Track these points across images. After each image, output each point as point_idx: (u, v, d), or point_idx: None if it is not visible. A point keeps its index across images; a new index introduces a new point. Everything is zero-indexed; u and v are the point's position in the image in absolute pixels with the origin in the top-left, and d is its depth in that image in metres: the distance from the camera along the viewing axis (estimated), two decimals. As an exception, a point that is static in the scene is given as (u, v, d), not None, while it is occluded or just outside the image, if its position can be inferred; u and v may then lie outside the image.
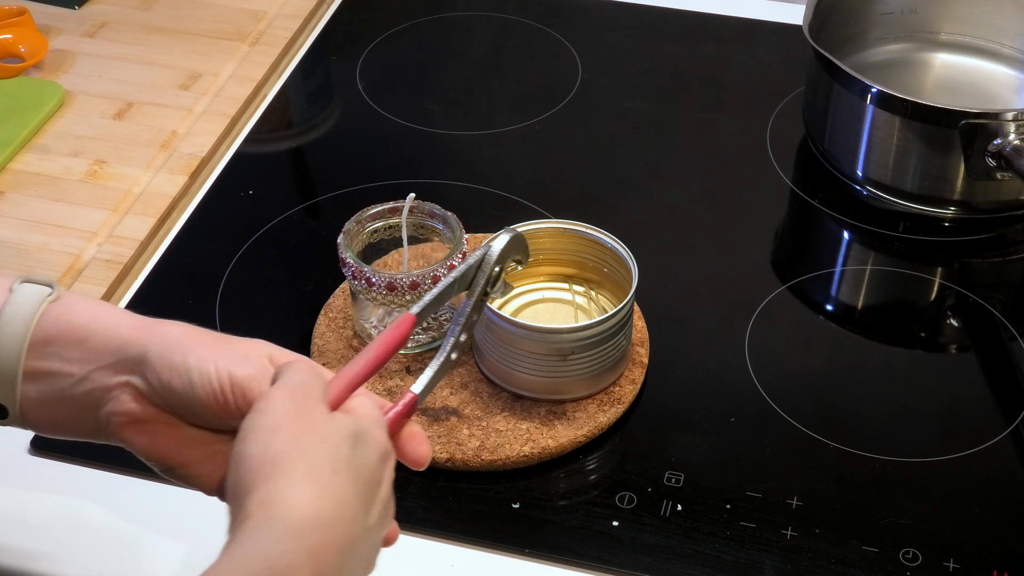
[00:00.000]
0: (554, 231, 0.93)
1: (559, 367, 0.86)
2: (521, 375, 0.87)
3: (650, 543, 0.81)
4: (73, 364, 0.63)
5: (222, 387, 0.61)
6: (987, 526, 0.83)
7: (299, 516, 0.54)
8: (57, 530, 0.82)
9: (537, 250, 0.93)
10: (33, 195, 1.06)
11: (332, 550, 0.54)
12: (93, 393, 0.63)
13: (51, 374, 0.63)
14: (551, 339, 0.85)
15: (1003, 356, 0.96)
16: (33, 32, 1.20)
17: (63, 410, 0.64)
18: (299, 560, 0.53)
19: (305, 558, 0.53)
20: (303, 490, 0.55)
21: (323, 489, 0.55)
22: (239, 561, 0.53)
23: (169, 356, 0.62)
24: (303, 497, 0.54)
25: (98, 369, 0.63)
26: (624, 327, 0.87)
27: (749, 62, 1.25)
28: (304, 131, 1.19)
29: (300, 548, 0.53)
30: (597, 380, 0.88)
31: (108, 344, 0.63)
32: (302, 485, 0.55)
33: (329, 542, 0.54)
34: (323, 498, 0.55)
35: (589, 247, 0.93)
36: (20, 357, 0.63)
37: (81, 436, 0.66)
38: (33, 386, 0.63)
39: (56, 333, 0.63)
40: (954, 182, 1.03)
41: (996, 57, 1.19)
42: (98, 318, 0.64)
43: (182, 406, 0.62)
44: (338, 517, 0.55)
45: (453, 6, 1.33)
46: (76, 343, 0.63)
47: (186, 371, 0.61)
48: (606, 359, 0.87)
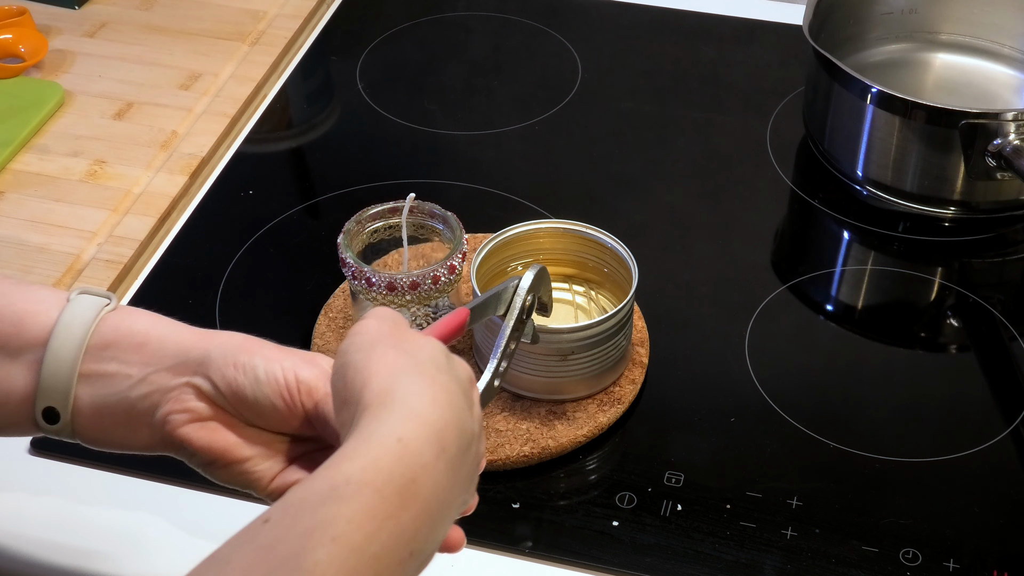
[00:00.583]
0: (554, 231, 0.93)
1: (559, 367, 0.86)
2: (521, 375, 0.87)
3: (650, 543, 0.81)
4: (132, 367, 0.63)
5: (288, 384, 0.62)
6: (987, 526, 0.83)
7: (417, 399, 0.55)
8: (57, 530, 0.82)
9: (537, 250, 0.93)
10: (33, 195, 1.06)
11: (453, 430, 0.55)
12: (151, 396, 0.63)
13: (108, 376, 0.63)
14: (551, 339, 0.85)
15: (1003, 356, 0.96)
16: (33, 32, 1.20)
17: (117, 414, 0.64)
18: (424, 434, 0.54)
19: (431, 432, 0.54)
20: (416, 379, 0.56)
21: (432, 380, 0.56)
22: (369, 438, 0.53)
23: (234, 355, 0.63)
24: (417, 385, 0.56)
25: (157, 371, 0.63)
26: (624, 327, 0.87)
27: (749, 62, 1.25)
28: (304, 131, 1.19)
29: (425, 424, 0.54)
30: (597, 380, 0.88)
31: (168, 348, 0.64)
32: (414, 377, 0.56)
33: (451, 423, 0.55)
34: (434, 387, 0.56)
35: (589, 247, 0.93)
36: (77, 359, 0.63)
37: (130, 444, 0.65)
38: (88, 389, 0.63)
39: (115, 338, 0.64)
40: (954, 182, 1.03)
41: (996, 57, 1.19)
42: (157, 325, 0.65)
43: (246, 404, 0.62)
44: (451, 403, 0.56)
45: (453, 6, 1.33)
46: (135, 347, 0.64)
47: (252, 368, 0.62)
48: (606, 359, 0.87)
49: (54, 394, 0.63)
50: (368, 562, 0.50)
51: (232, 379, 0.62)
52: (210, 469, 0.64)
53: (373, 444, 0.53)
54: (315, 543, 0.49)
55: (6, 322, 0.64)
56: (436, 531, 0.54)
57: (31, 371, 0.63)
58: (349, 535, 0.50)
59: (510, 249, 0.92)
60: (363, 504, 0.51)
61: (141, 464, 0.86)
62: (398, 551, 0.51)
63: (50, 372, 0.63)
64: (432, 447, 0.54)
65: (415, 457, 0.53)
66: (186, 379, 0.63)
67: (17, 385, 0.64)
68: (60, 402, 0.63)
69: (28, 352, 0.64)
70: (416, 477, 0.52)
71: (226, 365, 0.62)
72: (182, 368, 0.63)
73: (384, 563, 0.50)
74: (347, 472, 0.52)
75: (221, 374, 0.62)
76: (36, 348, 0.63)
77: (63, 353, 0.63)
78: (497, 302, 0.76)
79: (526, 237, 0.93)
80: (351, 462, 0.52)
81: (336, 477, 0.52)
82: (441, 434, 0.54)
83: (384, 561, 0.50)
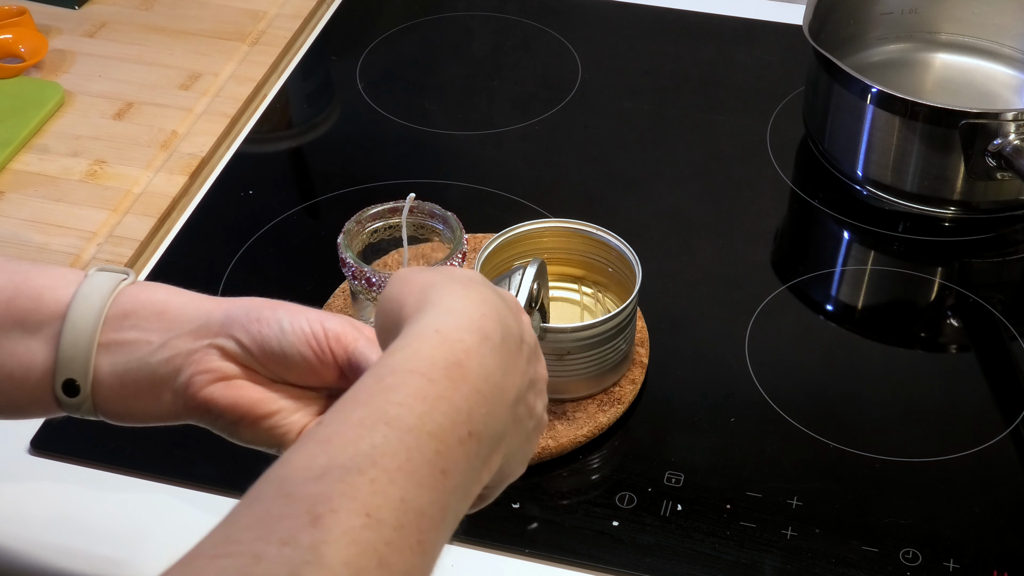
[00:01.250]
0: (559, 231, 0.93)
1: (556, 366, 0.86)
2: None
3: (650, 543, 0.81)
4: (152, 333, 0.63)
5: (315, 334, 0.62)
6: (987, 526, 0.83)
7: (452, 299, 0.56)
8: (57, 530, 0.82)
9: (542, 250, 0.93)
10: (33, 195, 1.06)
11: (493, 321, 0.55)
12: (173, 360, 0.63)
13: (128, 344, 0.63)
14: (548, 338, 0.85)
15: (1003, 356, 0.96)
16: (33, 32, 1.20)
17: (139, 382, 0.63)
18: (462, 323, 0.54)
19: (468, 322, 0.55)
20: (451, 286, 0.57)
21: (468, 286, 0.57)
22: (406, 335, 0.54)
23: (258, 311, 0.62)
24: (451, 289, 0.56)
25: (179, 336, 0.63)
26: (624, 331, 0.87)
27: (749, 62, 1.25)
28: (304, 131, 1.19)
29: (461, 316, 0.55)
30: (597, 381, 0.88)
31: (188, 313, 0.63)
32: (449, 284, 0.57)
33: (490, 314, 0.56)
34: (468, 290, 0.57)
35: (594, 247, 0.93)
36: (96, 329, 0.63)
37: (152, 414, 0.64)
38: (108, 358, 0.63)
39: (134, 307, 0.63)
40: (954, 182, 1.03)
41: (996, 57, 1.19)
42: (176, 294, 0.65)
43: (274, 358, 0.62)
44: (488, 301, 0.56)
45: (453, 6, 1.33)
46: (155, 315, 0.63)
47: (276, 321, 0.62)
48: (605, 361, 0.87)
49: (73, 365, 0.63)
50: (425, 440, 0.50)
51: (257, 333, 0.62)
52: (237, 429, 0.63)
53: (412, 338, 0.54)
54: (369, 429, 0.49)
55: (24, 297, 0.64)
56: (494, 415, 0.54)
57: (50, 345, 0.63)
58: (402, 417, 0.50)
59: (514, 248, 0.92)
60: (412, 388, 0.51)
61: (141, 464, 0.86)
62: (456, 429, 0.51)
63: (69, 343, 0.63)
64: (472, 335, 0.54)
65: (456, 343, 0.54)
66: (208, 341, 0.62)
67: (37, 360, 0.63)
68: (80, 373, 0.63)
69: (47, 326, 0.63)
70: (460, 360, 0.53)
71: (249, 321, 0.62)
72: (204, 331, 0.63)
73: (442, 440, 0.51)
74: (390, 364, 0.53)
75: (245, 331, 0.62)
76: (55, 322, 0.63)
77: (81, 324, 0.63)
78: (507, 286, 0.75)
79: (531, 236, 0.92)
80: (392, 356, 0.53)
81: (381, 371, 0.53)
82: (480, 323, 0.55)
83: (441, 439, 0.51)
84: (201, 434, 0.91)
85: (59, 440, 0.88)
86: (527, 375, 0.58)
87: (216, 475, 0.85)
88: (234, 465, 0.87)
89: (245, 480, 0.85)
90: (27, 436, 0.87)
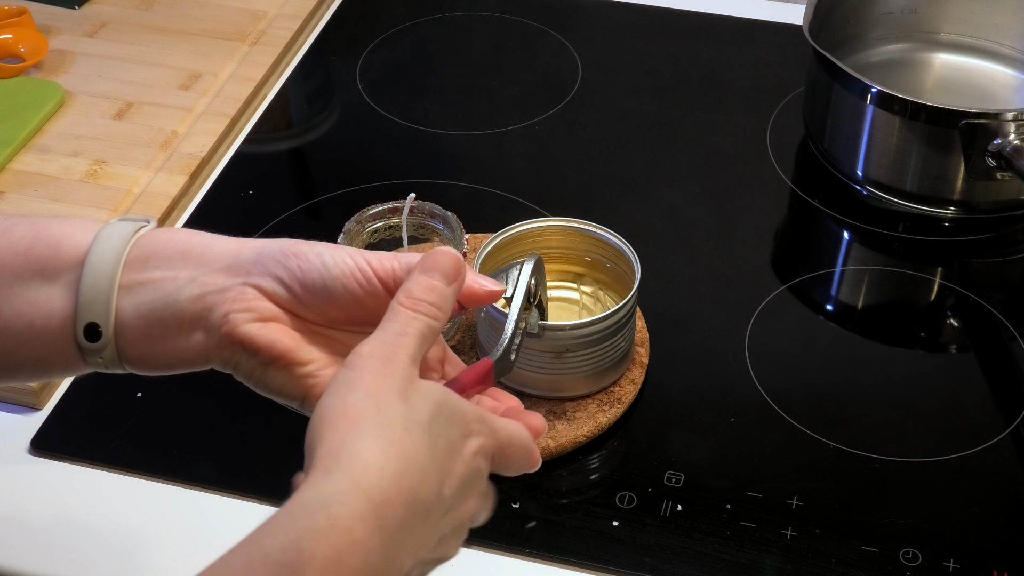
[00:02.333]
0: (559, 229, 0.93)
1: (555, 364, 0.86)
2: (520, 371, 0.87)
3: (650, 543, 0.81)
4: (178, 271, 0.61)
5: (359, 266, 0.60)
6: (987, 526, 0.83)
7: (363, 465, 0.52)
8: (57, 530, 0.82)
9: (542, 248, 0.93)
10: (33, 195, 1.06)
11: (398, 504, 0.52)
12: (204, 298, 0.60)
13: (153, 282, 0.61)
14: (546, 336, 0.84)
15: (1003, 356, 0.96)
16: (33, 32, 1.20)
17: (166, 321, 0.61)
18: (360, 509, 0.51)
19: (367, 507, 0.51)
20: (371, 442, 0.53)
21: (391, 442, 0.53)
22: (300, 510, 0.51)
23: (294, 248, 0.61)
24: (370, 449, 0.53)
25: (208, 272, 0.61)
26: (623, 329, 0.87)
27: (749, 62, 1.25)
28: (304, 131, 1.19)
29: (362, 497, 0.51)
30: (596, 379, 0.88)
31: (214, 252, 0.62)
32: (370, 437, 0.53)
33: (395, 496, 0.52)
34: (390, 450, 0.53)
35: (594, 245, 0.93)
36: (116, 269, 0.61)
37: (180, 356, 0.62)
38: (131, 299, 0.61)
39: (155, 249, 0.62)
40: (954, 182, 1.03)
41: (996, 57, 1.19)
42: (198, 235, 0.63)
43: (318, 294, 0.60)
44: (405, 471, 0.53)
45: (453, 6, 1.33)
46: (179, 255, 0.62)
47: (317, 256, 0.60)
48: (603, 359, 0.87)
49: (94, 308, 0.61)
50: None
51: (296, 269, 0.60)
52: (267, 372, 0.61)
53: (299, 518, 0.51)
54: None
55: (42, 245, 0.62)
56: None
57: (71, 291, 0.61)
58: None
59: (514, 247, 0.92)
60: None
61: (141, 464, 0.86)
62: None
63: (89, 286, 0.61)
64: (366, 524, 0.51)
65: (344, 534, 0.50)
66: (242, 279, 0.60)
67: (56, 307, 0.61)
68: (101, 316, 0.61)
69: (67, 273, 0.61)
70: (341, 557, 0.50)
71: (286, 257, 0.60)
72: (235, 269, 0.61)
73: None
74: (267, 550, 0.50)
75: (284, 267, 0.60)
76: (74, 268, 0.61)
77: (101, 266, 0.61)
78: (505, 281, 0.74)
79: (530, 235, 0.92)
80: (273, 539, 0.50)
81: (255, 555, 0.50)
82: (381, 508, 0.52)
83: None
84: (201, 434, 0.91)
85: (59, 440, 0.88)
86: (437, 532, 0.56)
87: (216, 475, 0.85)
88: (234, 465, 0.87)
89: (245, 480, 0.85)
90: (27, 436, 0.88)
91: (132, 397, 0.91)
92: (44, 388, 0.90)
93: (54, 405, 0.90)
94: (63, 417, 0.89)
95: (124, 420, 0.89)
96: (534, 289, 0.74)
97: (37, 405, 0.90)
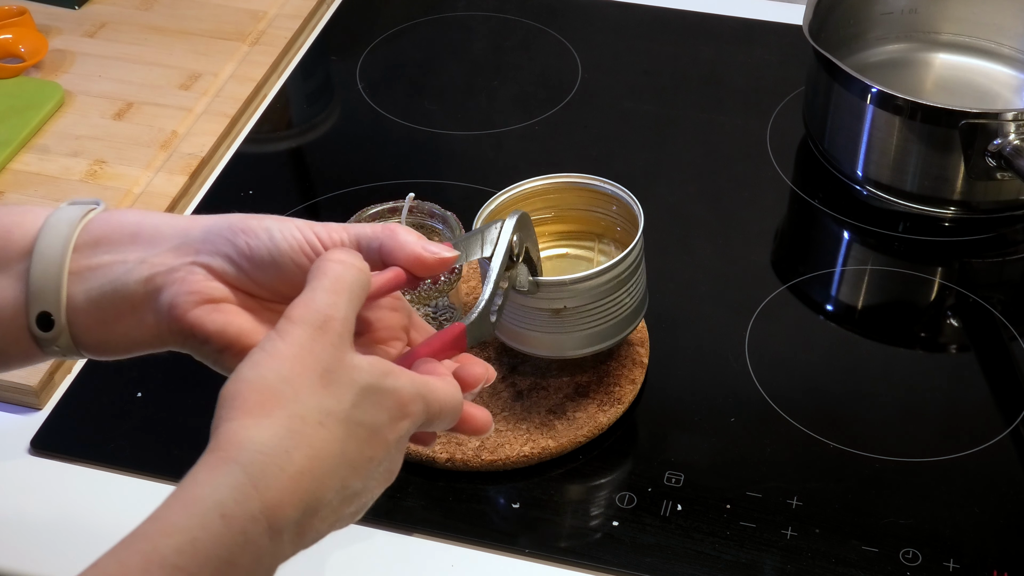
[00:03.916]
0: (561, 186, 0.91)
1: (554, 323, 0.83)
2: (520, 331, 0.85)
3: (650, 543, 0.81)
4: (127, 254, 0.60)
5: (307, 239, 0.59)
6: (987, 526, 0.83)
7: (263, 463, 0.51)
8: (57, 530, 0.82)
9: (547, 207, 0.91)
10: (33, 195, 1.06)
11: (291, 507, 0.52)
12: (153, 279, 0.59)
13: (103, 267, 0.60)
14: (540, 293, 0.81)
15: (1003, 356, 0.96)
16: (33, 32, 1.20)
17: (117, 305, 0.60)
18: (252, 511, 0.51)
19: (259, 509, 0.51)
20: (276, 439, 0.52)
21: (299, 440, 0.52)
22: (193, 505, 0.51)
23: (242, 223, 0.59)
24: (275, 445, 0.52)
25: (158, 253, 0.60)
26: (626, 284, 0.84)
27: (749, 62, 1.25)
28: (304, 131, 1.19)
29: (257, 499, 0.51)
30: (600, 337, 0.85)
31: (164, 232, 0.60)
32: (277, 431, 0.52)
33: (289, 500, 0.51)
34: (296, 450, 0.52)
35: (596, 200, 0.90)
36: (65, 256, 0.60)
37: (134, 341, 0.61)
38: (82, 285, 0.60)
39: (105, 232, 0.61)
40: (954, 182, 1.03)
41: (996, 57, 1.19)
42: (148, 215, 0.62)
43: (267, 269, 0.59)
44: (307, 472, 0.52)
45: (453, 6, 1.33)
46: (128, 238, 0.61)
47: (265, 231, 0.59)
48: (606, 316, 0.84)
49: (45, 296, 0.60)
50: None
51: (244, 245, 0.59)
52: (222, 358, 0.59)
53: (195, 517, 0.50)
54: None
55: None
56: None
57: (20, 280, 0.60)
58: None
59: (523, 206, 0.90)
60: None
61: (141, 464, 0.86)
62: None
63: (38, 274, 0.60)
64: (258, 526, 0.51)
65: (237, 536, 0.50)
66: (191, 258, 0.59)
67: (8, 297, 0.60)
68: (52, 304, 0.60)
69: (17, 263, 0.61)
70: (234, 558, 0.50)
71: (234, 234, 0.59)
72: (184, 249, 0.59)
73: None
74: (163, 552, 0.49)
75: (231, 244, 0.59)
76: (24, 257, 0.60)
77: (50, 253, 0.60)
78: (481, 242, 0.71)
79: (537, 193, 0.90)
80: (169, 539, 0.50)
81: (151, 556, 0.49)
82: (274, 512, 0.51)
83: None
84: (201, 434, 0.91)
85: (59, 440, 0.88)
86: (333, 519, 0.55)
87: (216, 475, 0.85)
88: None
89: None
90: (27, 436, 0.88)
91: (132, 397, 0.91)
92: (44, 388, 0.90)
93: (54, 405, 0.90)
94: (63, 417, 0.89)
95: (124, 420, 0.89)
96: (517, 247, 0.71)
97: (37, 405, 0.90)
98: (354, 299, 0.56)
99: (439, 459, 0.84)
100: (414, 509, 0.83)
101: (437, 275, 0.68)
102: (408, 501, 0.84)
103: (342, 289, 0.56)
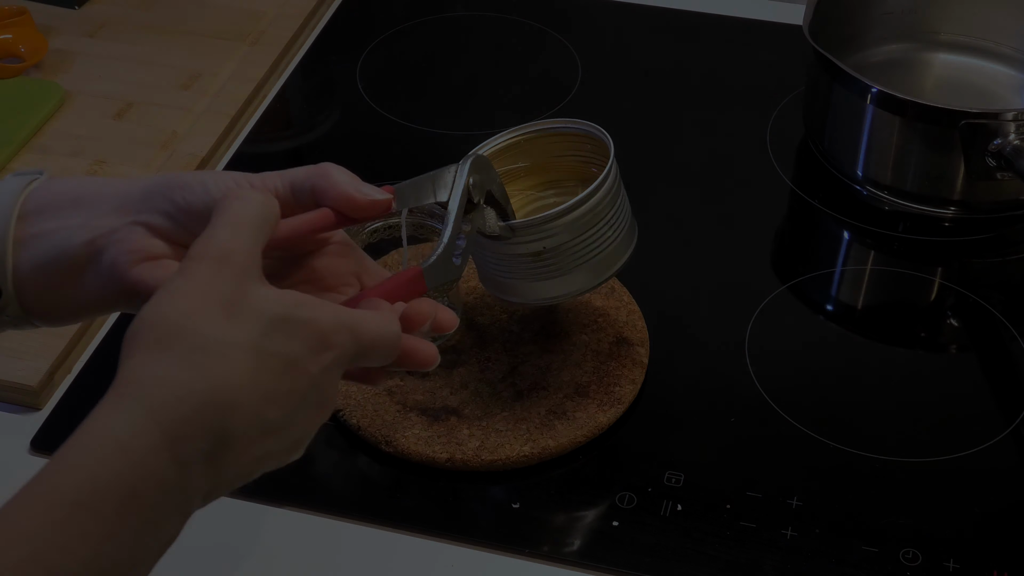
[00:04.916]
0: (532, 136, 0.90)
1: (536, 266, 0.81)
2: (507, 281, 0.84)
3: (650, 543, 0.81)
4: (70, 219, 0.60)
5: (240, 186, 0.59)
6: (987, 526, 0.83)
7: (161, 397, 0.51)
8: (57, 530, 0.82)
9: (523, 159, 0.90)
10: (33, 195, 1.06)
11: (196, 438, 0.51)
12: (95, 242, 0.60)
13: (47, 233, 0.60)
14: (514, 238, 0.80)
15: (1003, 356, 0.96)
16: (33, 32, 1.20)
17: (61, 269, 0.60)
18: (153, 442, 0.50)
19: (160, 439, 0.50)
20: (176, 369, 0.51)
21: (199, 372, 0.51)
22: (91, 442, 0.50)
23: (178, 178, 0.60)
24: (173, 377, 0.51)
25: (98, 215, 0.60)
26: (604, 216, 0.81)
27: (749, 62, 1.25)
28: (304, 131, 1.19)
29: (156, 430, 0.50)
30: (587, 276, 0.83)
31: (105, 195, 0.61)
32: (176, 363, 0.51)
33: (191, 430, 0.51)
34: (196, 382, 0.51)
35: (570, 144, 0.89)
36: (8, 227, 0.60)
37: (82, 304, 0.61)
38: (27, 252, 0.60)
39: (48, 200, 0.61)
40: (954, 182, 1.03)
41: (996, 57, 1.19)
42: (91, 180, 0.62)
43: (202, 220, 0.57)
44: (209, 403, 0.51)
45: (453, 6, 1.33)
46: (71, 203, 0.61)
47: (200, 183, 0.59)
48: (589, 252, 0.82)
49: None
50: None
51: (181, 200, 0.59)
52: None
53: (94, 453, 0.50)
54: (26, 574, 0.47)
55: None
56: (162, 532, 0.52)
57: None
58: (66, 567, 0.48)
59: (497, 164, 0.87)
60: (77, 529, 0.48)
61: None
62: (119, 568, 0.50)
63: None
64: (160, 457, 0.50)
65: (137, 469, 0.50)
66: (131, 218, 0.59)
67: None
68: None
69: None
70: (136, 490, 0.50)
71: (172, 191, 0.59)
72: (124, 209, 0.60)
73: None
74: (63, 491, 0.49)
75: (169, 200, 0.59)
76: None
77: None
78: (434, 187, 0.71)
79: (505, 150, 0.89)
80: (68, 476, 0.50)
81: (51, 498, 0.49)
82: (175, 442, 0.50)
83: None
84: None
85: (59, 440, 0.87)
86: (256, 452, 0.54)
87: (216, 475, 0.85)
88: (234, 465, 0.87)
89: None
90: (27, 436, 0.88)
91: (132, 397, 0.91)
92: (44, 388, 0.90)
93: (54, 405, 0.90)
94: (63, 417, 0.89)
95: (124, 420, 0.89)
96: (476, 190, 0.70)
97: (37, 405, 0.90)
98: (256, 232, 0.56)
99: (439, 459, 0.84)
100: (414, 509, 0.83)
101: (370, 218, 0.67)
102: (408, 501, 0.84)
103: (242, 223, 0.56)
